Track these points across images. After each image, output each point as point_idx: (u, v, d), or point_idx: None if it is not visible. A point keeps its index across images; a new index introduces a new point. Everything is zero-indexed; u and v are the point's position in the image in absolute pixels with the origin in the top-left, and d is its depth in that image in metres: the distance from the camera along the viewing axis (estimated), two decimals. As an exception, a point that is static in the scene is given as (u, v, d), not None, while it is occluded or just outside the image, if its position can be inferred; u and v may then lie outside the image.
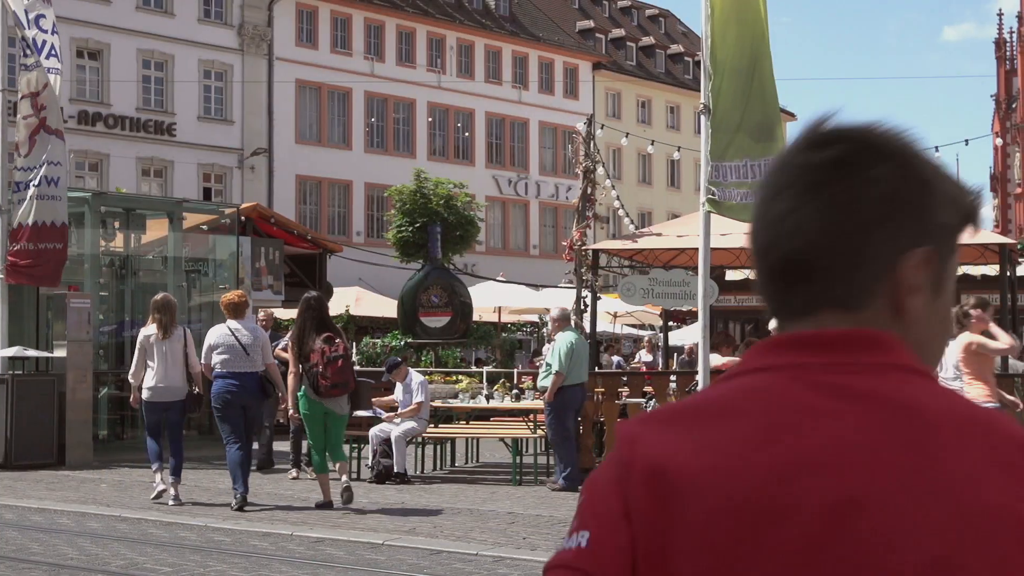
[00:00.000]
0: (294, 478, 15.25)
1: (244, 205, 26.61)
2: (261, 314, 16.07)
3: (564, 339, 15.07)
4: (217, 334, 13.31)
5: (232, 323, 13.31)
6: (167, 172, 50.83)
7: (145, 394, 13.38)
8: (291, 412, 13.09)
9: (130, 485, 14.90)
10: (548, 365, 15.08)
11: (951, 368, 10.51)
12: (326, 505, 12.89)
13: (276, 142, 53.98)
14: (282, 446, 17.28)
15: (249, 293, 23.02)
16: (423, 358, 28.08)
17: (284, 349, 14.78)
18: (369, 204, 57.11)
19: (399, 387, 16.03)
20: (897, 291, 1.39)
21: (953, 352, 10.48)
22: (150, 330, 13.52)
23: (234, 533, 11.23)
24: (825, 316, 1.39)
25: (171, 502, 13.11)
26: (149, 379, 13.35)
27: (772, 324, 1.58)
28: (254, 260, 23.86)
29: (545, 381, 14.99)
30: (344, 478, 13.01)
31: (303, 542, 10.75)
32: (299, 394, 12.82)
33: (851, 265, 1.38)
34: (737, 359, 6.97)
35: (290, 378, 12.92)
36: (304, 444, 15.16)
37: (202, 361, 13.36)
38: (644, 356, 28.88)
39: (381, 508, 13.10)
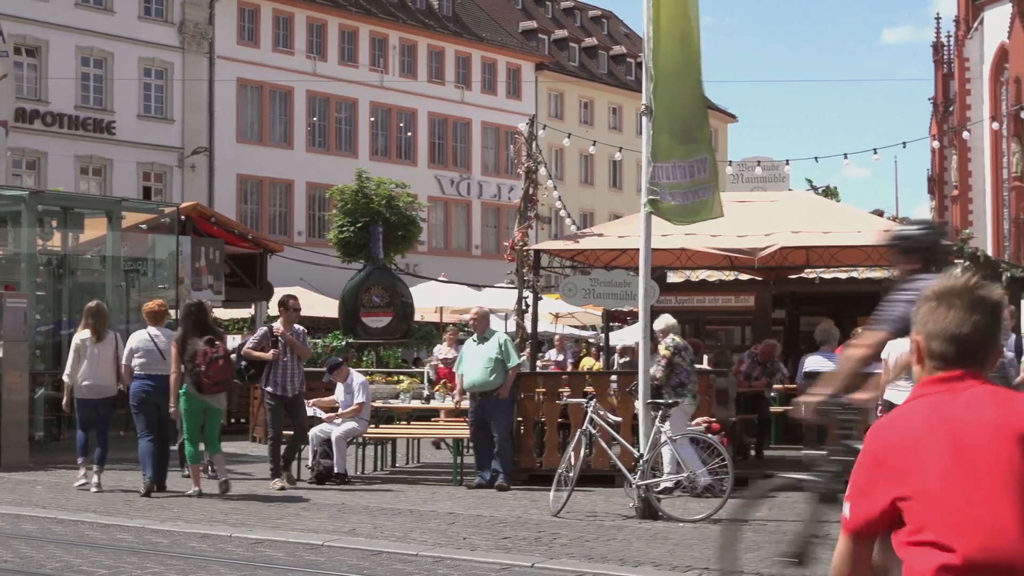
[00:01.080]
0: (281, 488, 14.60)
1: (184, 204, 26.41)
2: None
3: (503, 335, 15.47)
4: (138, 339, 14.56)
5: (152, 329, 14.59)
6: (106, 171, 50.40)
7: (79, 392, 14.52)
8: (171, 408, 14.04)
9: (66, 487, 14.75)
10: (492, 360, 15.08)
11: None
12: (196, 494, 13.85)
13: (217, 141, 53.69)
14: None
15: (188, 293, 22.96)
16: (364, 358, 27.99)
17: (254, 348, 15.01)
18: (310, 204, 56.92)
19: (340, 387, 16.01)
20: None
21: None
22: (84, 334, 14.63)
23: (172, 535, 11.14)
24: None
25: (93, 489, 14.22)
26: (82, 379, 14.48)
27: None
28: (194, 260, 23.67)
29: (492, 378, 15.00)
30: (221, 470, 14.21)
31: (242, 543, 10.69)
32: (180, 391, 13.87)
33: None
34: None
35: (172, 377, 13.96)
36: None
37: (124, 363, 14.47)
38: (553, 355, 28.25)
39: (321, 509, 13.06)
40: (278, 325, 15.23)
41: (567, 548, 10.53)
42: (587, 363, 25.30)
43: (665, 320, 15.11)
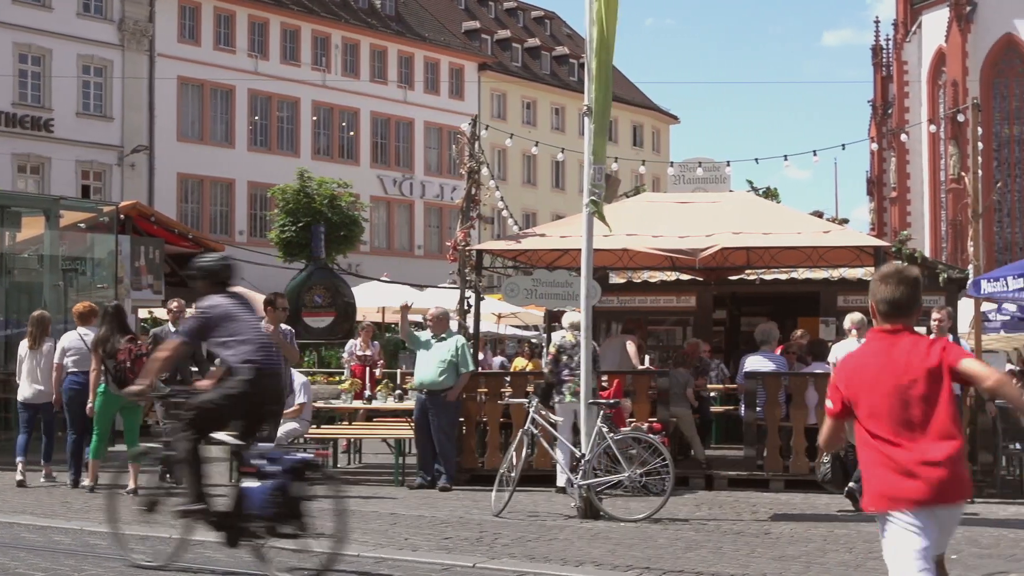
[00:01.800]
0: None
1: (123, 203, 26.17)
2: (174, 303, 15.83)
3: (461, 339, 15.49)
4: (69, 339, 15.22)
5: (82, 329, 15.23)
6: (44, 169, 49.86)
7: (21, 395, 15.43)
8: (88, 405, 14.64)
9: (2, 488, 14.59)
10: (446, 362, 15.08)
11: None
12: (90, 489, 14.27)
13: (157, 139, 53.28)
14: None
15: (128, 293, 22.77)
16: (306, 358, 27.89)
17: None
18: (252, 203, 56.62)
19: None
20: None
21: None
22: (25, 341, 15.61)
23: (111, 536, 11.02)
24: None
25: (43, 479, 15.12)
26: (24, 383, 15.38)
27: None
28: (133, 259, 23.46)
29: (442, 379, 15.01)
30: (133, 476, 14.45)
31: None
32: (99, 390, 14.38)
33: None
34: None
35: (92, 375, 14.54)
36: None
37: (56, 361, 15.11)
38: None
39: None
40: (265, 325, 14.80)
41: (508, 548, 10.54)
42: (520, 363, 25.27)
43: (567, 318, 15.16)
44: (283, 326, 14.55)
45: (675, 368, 17.34)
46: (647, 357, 19.15)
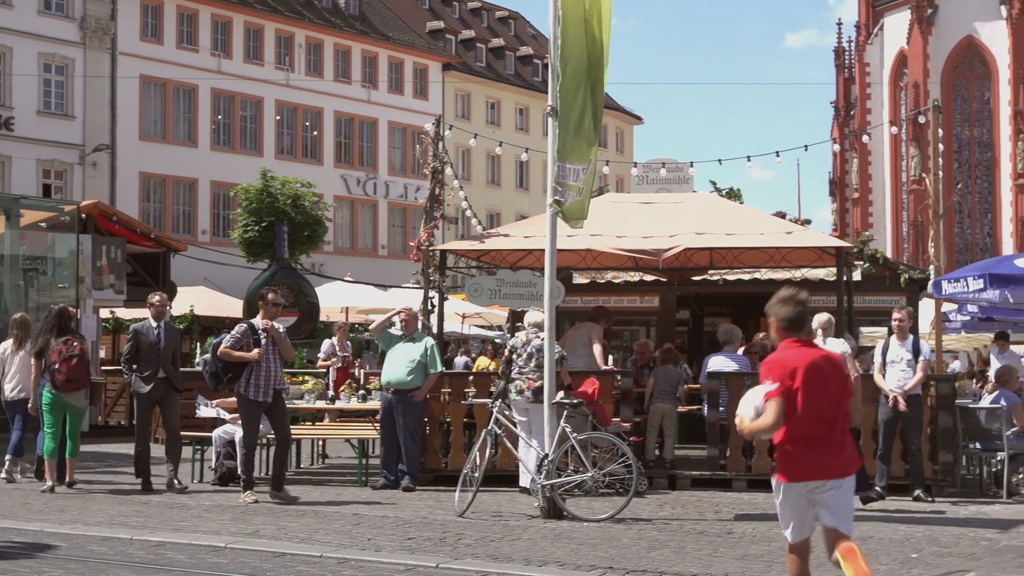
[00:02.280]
0: (254, 501, 13.54)
1: (85, 202, 26.01)
2: (156, 298, 15.50)
3: (431, 340, 15.60)
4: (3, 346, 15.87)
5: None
6: (5, 168, 49.45)
7: (9, 395, 15.76)
8: (29, 406, 15.06)
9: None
10: (415, 362, 15.04)
11: None
12: (49, 490, 14.33)
13: (119, 138, 52.94)
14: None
15: (89, 292, 22.64)
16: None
17: (233, 347, 13.86)
18: (215, 202, 56.35)
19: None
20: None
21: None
22: (8, 343, 15.92)
23: (71, 538, 10.98)
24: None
25: (3, 475, 15.57)
26: (8, 383, 15.74)
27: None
28: (95, 259, 23.31)
29: (410, 378, 14.96)
30: (70, 472, 14.81)
31: (143, 546, 10.55)
32: (43, 390, 14.66)
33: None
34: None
35: (32, 377, 14.98)
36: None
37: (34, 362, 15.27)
38: None
39: (224, 511, 12.94)
40: (258, 320, 14.12)
41: (472, 548, 10.54)
42: (482, 363, 25.26)
43: (528, 317, 15.15)
44: (276, 324, 14.35)
45: (663, 365, 17.31)
46: (610, 358, 19.16)
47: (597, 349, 16.88)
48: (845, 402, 7.10)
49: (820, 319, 14.45)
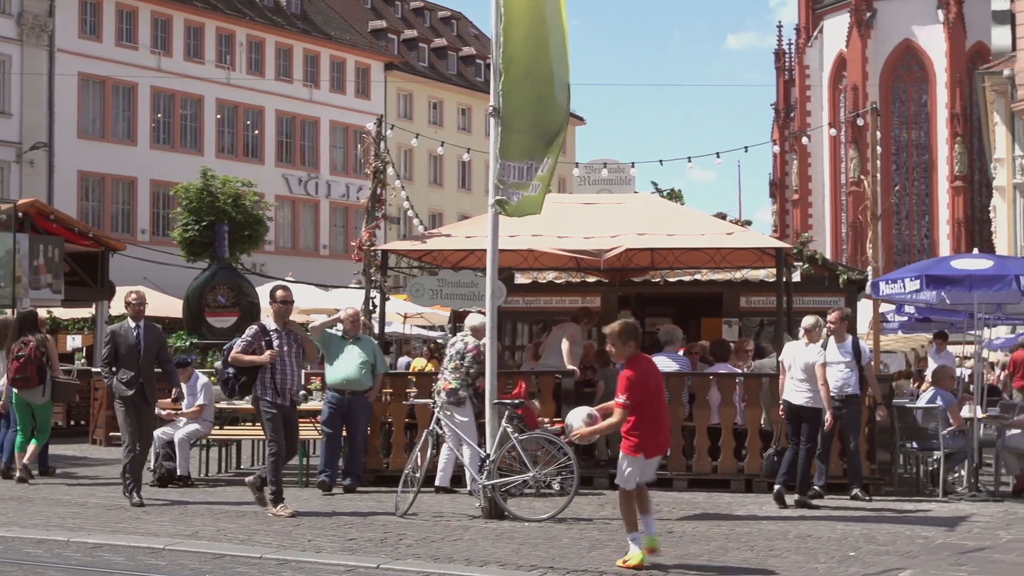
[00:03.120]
0: (291, 515, 12.50)
1: (22, 201, 25.70)
2: (132, 295, 14.92)
3: (372, 340, 15.71)
4: None
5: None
6: (-60, 166, 48.83)
7: None
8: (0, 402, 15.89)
9: None
10: (366, 363, 14.97)
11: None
12: (22, 480, 15.28)
13: (57, 136, 52.37)
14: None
15: (26, 292, 22.39)
16: (209, 359, 27.57)
17: (244, 351, 13.02)
18: (154, 201, 55.87)
19: (184, 387, 15.74)
20: None
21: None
22: None
23: (6, 540, 10.85)
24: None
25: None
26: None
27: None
28: (32, 258, 23.06)
29: (365, 379, 14.89)
30: (26, 460, 15.58)
31: (80, 548, 10.45)
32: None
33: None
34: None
35: (2, 380, 15.76)
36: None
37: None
38: None
39: (163, 512, 12.84)
40: (269, 321, 13.45)
41: (413, 549, 10.52)
42: (419, 364, 25.18)
43: (467, 320, 15.17)
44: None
45: (602, 368, 17.32)
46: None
47: (566, 347, 16.85)
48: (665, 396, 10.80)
49: (807, 322, 14.52)
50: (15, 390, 15.61)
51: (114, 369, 13.86)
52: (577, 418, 10.27)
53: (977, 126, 71.13)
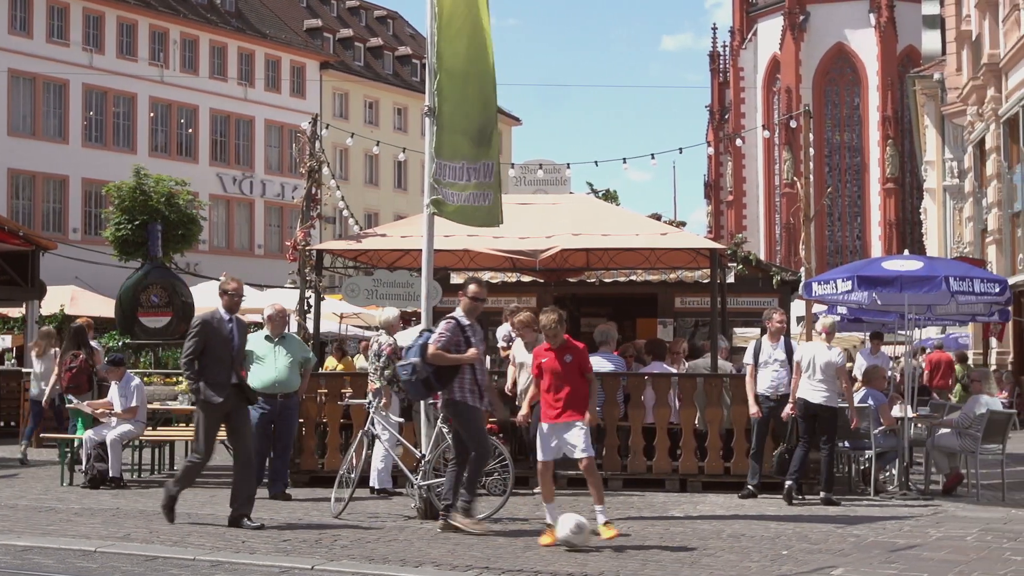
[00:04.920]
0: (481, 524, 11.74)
1: (-50, 199, 25.39)
2: (231, 284, 14.08)
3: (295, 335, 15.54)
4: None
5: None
6: None
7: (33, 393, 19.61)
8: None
9: None
10: (294, 362, 14.78)
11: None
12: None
13: (-14, 134, 51.75)
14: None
15: (-46, 291, 22.07)
16: (142, 359, 27.34)
17: (445, 349, 11.96)
18: (86, 200, 55.32)
19: (115, 388, 15.62)
20: None
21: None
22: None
23: None
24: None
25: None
26: (36, 384, 19.62)
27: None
28: (-40, 257, 22.78)
29: (294, 379, 14.71)
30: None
31: (9, 551, 10.32)
32: None
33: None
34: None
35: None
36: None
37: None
38: None
39: (94, 514, 12.72)
40: (463, 317, 12.21)
41: (348, 550, 10.49)
42: (331, 363, 25.01)
43: (383, 315, 15.12)
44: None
45: None
46: (488, 359, 19.16)
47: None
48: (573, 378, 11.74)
49: (825, 323, 15.10)
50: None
51: (198, 367, 11.97)
52: (565, 527, 10.64)
53: (908, 129, 72.04)
